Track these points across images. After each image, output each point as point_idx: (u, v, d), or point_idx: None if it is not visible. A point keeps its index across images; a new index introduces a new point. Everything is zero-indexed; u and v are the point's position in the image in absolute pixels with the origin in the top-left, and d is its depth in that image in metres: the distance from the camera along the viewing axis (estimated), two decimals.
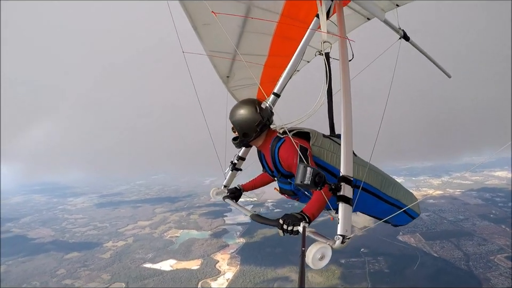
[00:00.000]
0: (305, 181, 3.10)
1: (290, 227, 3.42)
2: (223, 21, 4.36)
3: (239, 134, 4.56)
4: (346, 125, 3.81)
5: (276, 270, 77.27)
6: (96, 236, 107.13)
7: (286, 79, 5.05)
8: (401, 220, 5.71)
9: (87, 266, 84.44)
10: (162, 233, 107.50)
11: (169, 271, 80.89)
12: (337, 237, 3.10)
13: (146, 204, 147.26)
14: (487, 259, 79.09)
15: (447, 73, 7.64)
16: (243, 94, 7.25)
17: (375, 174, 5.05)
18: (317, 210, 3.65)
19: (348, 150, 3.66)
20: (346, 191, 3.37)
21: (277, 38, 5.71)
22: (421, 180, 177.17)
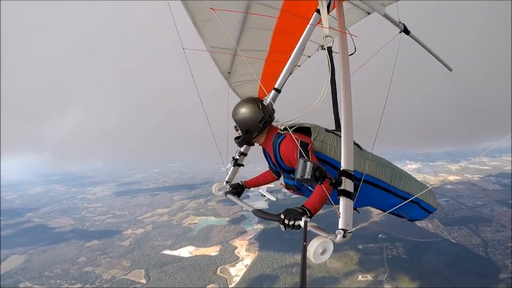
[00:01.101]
0: (305, 176, 3.18)
1: (292, 222, 3.46)
2: (223, 17, 4.55)
3: (242, 131, 4.65)
4: (346, 119, 3.84)
5: (293, 255, 76.77)
6: (115, 224, 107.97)
7: (287, 75, 5.19)
8: (417, 214, 5.76)
9: (107, 254, 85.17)
10: (181, 220, 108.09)
11: (188, 258, 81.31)
12: (339, 231, 3.14)
13: (164, 192, 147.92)
14: (506, 246, 77.81)
15: (448, 66, 7.72)
16: (245, 90, 7.63)
17: (383, 167, 5.09)
18: (318, 204, 3.71)
19: (348, 143, 3.71)
20: (347, 185, 3.40)
21: (278, 34, 5.82)
22: (438, 165, 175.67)
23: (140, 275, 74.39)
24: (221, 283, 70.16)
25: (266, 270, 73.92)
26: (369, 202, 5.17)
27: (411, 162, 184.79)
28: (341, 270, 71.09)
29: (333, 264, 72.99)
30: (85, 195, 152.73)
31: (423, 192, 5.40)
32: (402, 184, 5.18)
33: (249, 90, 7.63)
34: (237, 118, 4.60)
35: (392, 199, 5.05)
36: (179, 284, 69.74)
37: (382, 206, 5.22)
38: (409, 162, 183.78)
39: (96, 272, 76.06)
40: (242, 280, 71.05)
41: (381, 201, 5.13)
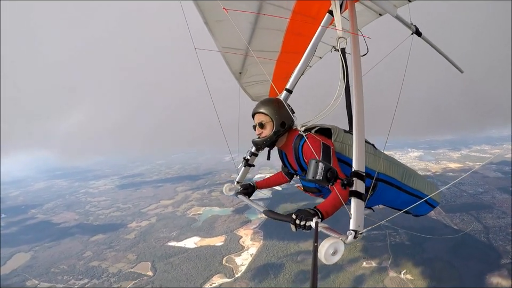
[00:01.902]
0: (317, 176, 3.22)
1: (303, 222, 3.47)
2: (235, 17, 4.58)
3: (276, 123, 4.55)
4: (358, 120, 3.86)
5: (298, 244, 77.35)
6: (119, 217, 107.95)
7: (298, 75, 5.30)
8: (422, 209, 5.88)
9: (113, 248, 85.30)
10: (185, 211, 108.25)
11: (193, 248, 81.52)
12: (350, 232, 3.15)
13: (167, 183, 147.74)
14: (507, 232, 79.05)
15: (460, 68, 7.76)
16: (255, 90, 7.77)
17: (396, 166, 5.16)
18: (331, 208, 3.68)
19: (359, 145, 3.72)
20: (358, 186, 3.45)
21: (289, 35, 5.85)
22: (440, 152, 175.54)
23: (146, 267, 74.62)
24: (227, 273, 70.47)
25: (271, 258, 74.33)
26: (383, 201, 5.23)
27: (413, 150, 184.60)
28: (345, 257, 69.82)
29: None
30: (88, 189, 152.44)
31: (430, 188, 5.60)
32: (412, 182, 5.27)
33: (260, 90, 7.83)
34: (268, 110, 4.58)
35: (404, 197, 5.19)
36: (185, 275, 70.01)
37: (394, 204, 5.33)
38: (411, 150, 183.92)
39: (103, 266, 76.24)
40: (248, 269, 71.42)
41: (393, 199, 5.20)
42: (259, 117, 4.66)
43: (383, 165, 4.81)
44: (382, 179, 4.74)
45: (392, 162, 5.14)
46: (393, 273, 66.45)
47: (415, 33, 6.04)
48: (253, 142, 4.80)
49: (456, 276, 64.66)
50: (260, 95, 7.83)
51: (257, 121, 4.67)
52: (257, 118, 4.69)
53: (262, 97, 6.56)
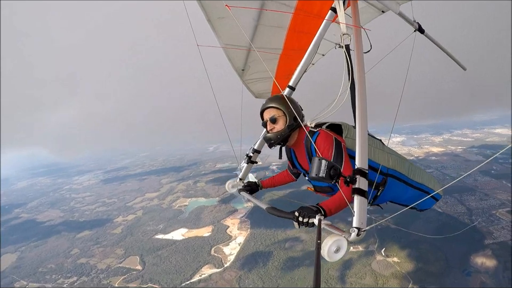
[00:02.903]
0: (320, 174, 3.17)
1: (306, 219, 3.44)
2: (237, 14, 4.59)
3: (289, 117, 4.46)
4: (361, 117, 3.82)
5: (285, 231, 78.08)
6: (105, 212, 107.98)
7: (301, 73, 5.13)
8: (428, 203, 5.77)
9: (100, 243, 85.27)
10: (171, 203, 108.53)
11: (181, 240, 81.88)
12: (353, 229, 3.07)
13: (152, 176, 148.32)
14: (489, 213, 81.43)
15: (462, 65, 7.62)
16: (258, 87, 7.69)
17: (402, 160, 5.11)
18: (334, 206, 3.64)
19: (363, 142, 3.65)
20: (361, 183, 3.36)
21: (292, 32, 5.83)
22: (422, 137, 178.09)
23: (135, 262, 74.70)
24: (216, 263, 70.82)
25: (259, 247, 74.91)
26: (391, 197, 5.10)
27: (395, 135, 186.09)
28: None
29: (324, 237, 73.40)
30: (71, 185, 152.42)
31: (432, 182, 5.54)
32: (417, 176, 5.23)
33: (263, 87, 7.71)
34: (280, 103, 4.50)
35: (411, 192, 5.13)
36: (175, 267, 70.29)
37: (401, 199, 5.22)
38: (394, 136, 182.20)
39: (91, 263, 76.10)
40: (237, 258, 71.81)
41: (401, 194, 5.11)
42: (270, 111, 4.56)
43: (391, 160, 4.81)
44: (391, 174, 4.74)
45: (399, 157, 5.12)
46: (380, 256, 67.40)
47: (417, 30, 5.96)
48: (265, 137, 4.63)
49: (442, 257, 65.83)
50: (262, 92, 7.87)
51: (269, 116, 4.55)
52: (268, 113, 4.57)
53: (265, 94, 7.73)
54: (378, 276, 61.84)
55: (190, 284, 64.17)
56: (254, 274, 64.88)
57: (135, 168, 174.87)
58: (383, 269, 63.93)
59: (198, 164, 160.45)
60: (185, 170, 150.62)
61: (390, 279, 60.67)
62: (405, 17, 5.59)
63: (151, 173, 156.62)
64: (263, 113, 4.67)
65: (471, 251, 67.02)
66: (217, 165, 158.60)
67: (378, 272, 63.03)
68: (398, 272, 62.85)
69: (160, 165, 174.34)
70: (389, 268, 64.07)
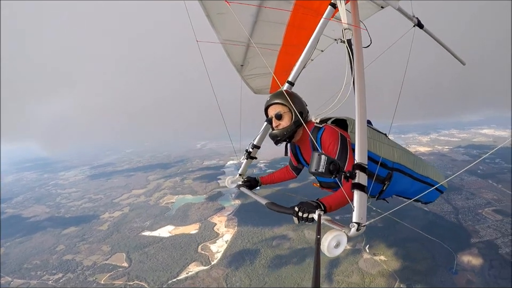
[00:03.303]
0: (320, 169, 3.12)
1: (306, 214, 3.44)
2: (236, 10, 4.59)
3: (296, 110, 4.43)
4: (360, 112, 3.84)
5: (273, 229, 78.50)
6: (91, 208, 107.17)
7: (300, 68, 5.17)
8: (432, 196, 5.88)
9: (86, 240, 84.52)
10: (158, 200, 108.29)
11: (168, 237, 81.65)
12: (352, 224, 3.07)
13: (139, 172, 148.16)
14: (476, 212, 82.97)
15: (462, 60, 7.69)
16: (257, 83, 7.70)
17: (407, 154, 5.11)
18: (334, 202, 3.66)
19: (362, 137, 3.65)
20: (361, 178, 3.36)
21: (291, 28, 5.84)
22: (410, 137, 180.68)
23: (121, 259, 74.19)
24: (203, 261, 70.57)
25: (246, 244, 74.93)
26: (397, 191, 5.11)
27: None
28: None
29: (312, 235, 74.17)
30: (58, 181, 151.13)
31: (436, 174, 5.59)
32: (422, 169, 5.25)
33: (262, 83, 7.81)
34: (285, 99, 4.47)
35: (416, 185, 5.13)
36: (161, 264, 69.90)
37: (407, 193, 5.21)
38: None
39: (77, 259, 75.26)
40: (224, 256, 71.73)
41: (407, 188, 5.11)
42: (275, 107, 4.57)
43: (396, 154, 4.81)
44: (397, 168, 4.74)
45: (404, 151, 5.13)
46: (367, 255, 67.78)
47: (417, 25, 6.08)
48: (271, 134, 4.65)
49: (428, 256, 66.38)
50: (261, 87, 7.91)
51: (274, 112, 4.56)
52: (273, 110, 4.58)
53: (264, 90, 7.91)
54: (365, 274, 62.02)
55: (176, 281, 63.89)
56: (241, 272, 64.81)
57: (121, 164, 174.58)
58: (370, 267, 64.19)
59: (185, 161, 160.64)
60: (172, 167, 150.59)
61: (376, 278, 60.99)
62: (404, 13, 5.76)
63: (138, 169, 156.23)
64: (267, 109, 4.69)
65: (458, 250, 67.60)
66: (204, 162, 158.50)
67: (365, 270, 63.21)
68: (384, 270, 63.19)
69: (147, 162, 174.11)
70: (375, 266, 64.40)
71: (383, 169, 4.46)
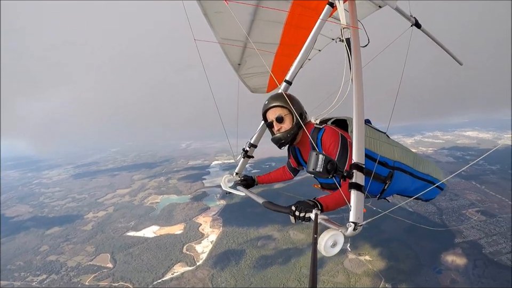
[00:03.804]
0: (317, 168, 3.11)
1: (303, 213, 3.41)
2: (234, 8, 4.58)
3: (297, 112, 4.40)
4: (358, 112, 3.79)
5: (258, 229, 78.92)
6: (75, 208, 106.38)
7: (298, 67, 5.03)
8: (433, 193, 5.82)
9: (70, 240, 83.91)
10: (142, 200, 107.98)
11: (153, 238, 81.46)
12: (349, 224, 3.07)
13: (123, 172, 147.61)
14: (459, 213, 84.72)
15: (459, 60, 7.64)
16: (254, 82, 7.67)
17: (407, 152, 5.13)
18: (331, 202, 3.64)
19: (359, 137, 3.63)
20: (358, 178, 3.35)
21: (289, 27, 5.81)
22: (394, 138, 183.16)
23: (105, 259, 73.83)
24: (188, 261, 70.53)
25: (232, 245, 75.13)
26: (398, 189, 5.02)
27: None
28: (305, 241, 73.09)
29: (297, 235, 75.39)
30: (41, 180, 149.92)
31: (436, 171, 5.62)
32: (422, 167, 5.27)
33: (259, 82, 7.78)
34: (285, 102, 4.43)
35: (417, 183, 5.12)
36: (146, 265, 69.67)
37: (408, 192, 5.16)
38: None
39: (61, 260, 74.75)
40: (209, 256, 71.76)
41: (408, 186, 5.06)
42: (275, 111, 4.50)
43: (397, 153, 4.80)
44: (398, 167, 4.69)
45: (404, 149, 5.15)
46: (352, 255, 68.41)
47: (414, 25, 6.04)
48: (275, 138, 4.55)
49: (413, 255, 67.43)
50: (259, 86, 7.90)
51: (274, 116, 4.49)
52: (273, 113, 4.52)
53: (261, 89, 7.89)
54: (350, 274, 62.60)
55: (162, 282, 63.83)
56: (226, 273, 64.88)
57: (106, 163, 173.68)
58: (355, 267, 64.80)
59: (170, 161, 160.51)
60: (157, 167, 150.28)
61: (362, 277, 61.63)
62: (402, 12, 5.68)
63: (122, 168, 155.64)
64: (266, 113, 4.62)
65: (442, 249, 68.78)
66: (189, 162, 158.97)
67: (350, 270, 63.78)
68: (370, 270, 63.86)
69: (132, 161, 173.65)
70: (361, 266, 65.04)
71: (384, 168, 4.43)
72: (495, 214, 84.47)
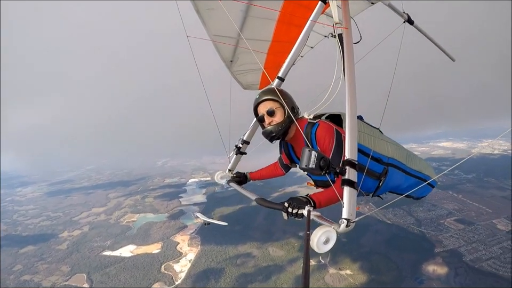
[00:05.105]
0: (310, 165, 3.12)
1: (295, 210, 3.42)
2: (226, 5, 4.53)
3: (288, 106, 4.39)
4: (350, 107, 3.75)
5: (236, 247, 78.85)
6: (50, 226, 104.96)
7: (290, 64, 5.16)
8: (425, 191, 5.75)
9: (45, 260, 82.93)
10: (119, 218, 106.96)
11: (130, 257, 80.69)
12: (342, 220, 3.05)
13: (98, 190, 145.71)
14: (438, 223, 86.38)
15: (451, 56, 7.71)
16: (247, 79, 7.63)
17: (400, 149, 5.07)
18: (324, 199, 3.63)
19: (352, 133, 3.58)
20: (350, 174, 3.30)
21: (281, 24, 5.80)
22: None
23: (81, 279, 72.97)
24: (166, 281, 70.18)
25: (211, 263, 74.76)
26: (391, 187, 4.97)
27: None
28: (284, 257, 73.51)
29: (276, 252, 75.63)
30: (14, 197, 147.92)
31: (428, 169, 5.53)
32: (415, 164, 5.22)
33: (252, 79, 7.75)
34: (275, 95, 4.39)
35: (410, 180, 5.09)
36: (124, 285, 69.18)
37: (400, 189, 5.10)
38: None
39: (35, 280, 73.90)
40: (188, 276, 71.44)
41: (401, 183, 5.02)
42: (266, 104, 4.44)
43: (390, 149, 4.74)
44: (391, 164, 4.65)
45: (396, 145, 5.07)
46: (333, 270, 68.71)
47: (407, 21, 6.07)
48: (266, 131, 4.46)
49: (394, 267, 68.26)
50: (251, 83, 7.88)
51: (265, 109, 4.43)
52: (265, 106, 4.44)
53: (253, 86, 7.88)
54: None
55: None
56: None
57: (80, 181, 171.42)
58: (336, 281, 65.35)
59: (146, 179, 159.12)
60: (133, 185, 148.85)
61: None
62: (395, 9, 5.81)
63: (97, 186, 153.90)
64: (257, 107, 4.57)
65: (422, 260, 69.96)
66: (165, 180, 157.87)
67: (331, 285, 64.44)
68: (351, 284, 64.73)
69: (107, 179, 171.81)
70: (342, 281, 65.64)
71: (379, 164, 4.39)
72: (473, 222, 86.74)
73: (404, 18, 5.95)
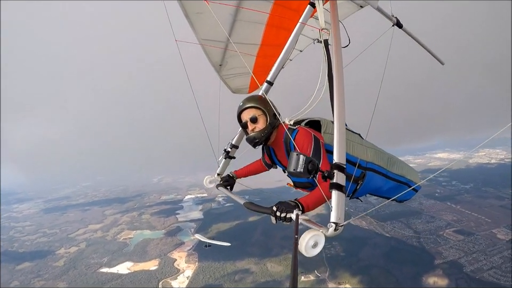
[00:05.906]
0: (298, 169, 3.10)
1: (284, 214, 3.41)
2: (215, 9, 4.61)
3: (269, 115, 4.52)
4: (338, 112, 3.81)
5: (234, 263, 78.51)
6: (46, 243, 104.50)
7: (279, 68, 5.19)
8: (408, 195, 5.67)
9: (41, 276, 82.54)
10: (115, 235, 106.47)
11: (127, 274, 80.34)
12: (330, 224, 3.04)
13: (94, 207, 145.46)
14: (437, 234, 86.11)
15: (440, 60, 7.79)
16: (236, 83, 7.69)
17: (380, 153, 5.14)
18: (312, 202, 3.62)
19: (340, 137, 3.63)
20: (339, 178, 3.31)
21: (270, 27, 5.86)
22: None
23: None
24: None
25: (209, 280, 74.48)
26: (371, 189, 5.12)
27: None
28: (283, 273, 73.13)
29: (275, 268, 75.41)
30: (11, 213, 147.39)
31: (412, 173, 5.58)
32: (396, 168, 5.29)
33: (241, 83, 7.78)
34: (258, 102, 4.54)
35: (390, 184, 5.17)
36: None
37: (380, 191, 5.26)
38: None
39: None
40: None
41: (380, 186, 5.12)
42: (249, 111, 4.57)
43: (370, 154, 4.83)
44: (370, 168, 4.76)
45: (377, 150, 5.15)
46: (332, 284, 68.44)
47: (396, 25, 6.19)
48: (249, 137, 4.61)
49: (393, 281, 67.76)
50: (240, 87, 7.94)
51: (248, 116, 4.56)
52: (248, 114, 4.58)
53: (243, 90, 7.97)
54: None
55: None
56: None
57: (77, 198, 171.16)
58: None
59: (142, 195, 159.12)
60: (129, 202, 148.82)
61: None
62: (383, 12, 5.86)
63: (93, 203, 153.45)
64: (240, 114, 4.70)
65: (422, 272, 69.73)
66: (162, 197, 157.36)
67: None
68: None
69: (103, 196, 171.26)
70: None
71: (357, 169, 4.45)
72: (473, 232, 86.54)
73: (393, 22, 6.08)
